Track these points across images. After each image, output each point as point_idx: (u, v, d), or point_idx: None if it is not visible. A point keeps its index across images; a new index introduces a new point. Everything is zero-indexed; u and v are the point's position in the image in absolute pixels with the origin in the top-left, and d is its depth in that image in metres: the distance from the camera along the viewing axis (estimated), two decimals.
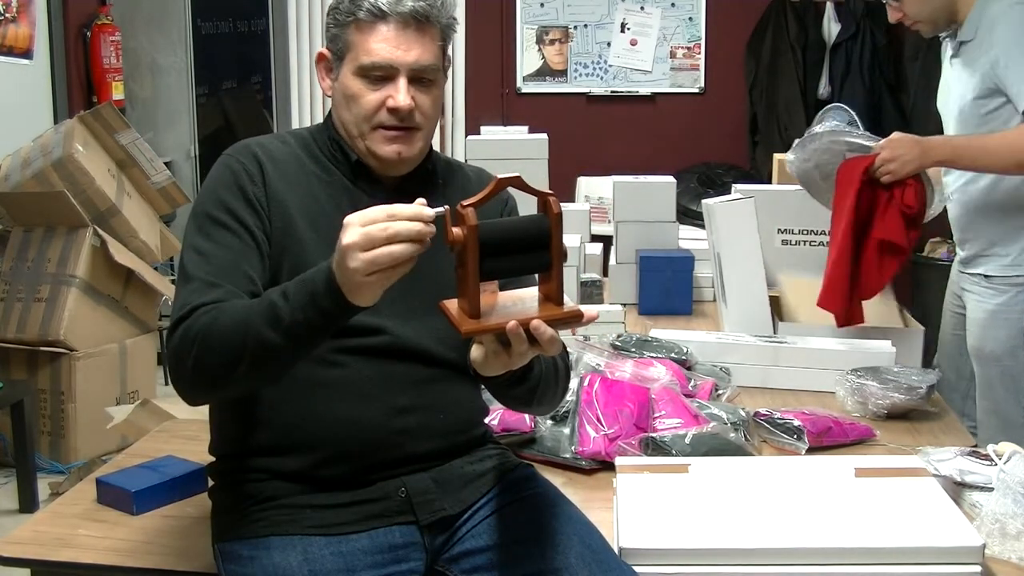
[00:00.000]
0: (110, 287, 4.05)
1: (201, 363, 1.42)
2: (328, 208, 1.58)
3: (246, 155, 1.59)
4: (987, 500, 1.73)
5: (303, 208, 1.57)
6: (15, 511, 3.58)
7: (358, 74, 1.57)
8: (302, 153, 1.63)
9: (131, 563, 1.69)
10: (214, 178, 1.59)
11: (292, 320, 1.36)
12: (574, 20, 5.67)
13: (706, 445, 1.95)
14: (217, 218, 1.53)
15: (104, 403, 3.80)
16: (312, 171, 1.61)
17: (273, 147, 1.62)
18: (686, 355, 2.41)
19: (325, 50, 1.63)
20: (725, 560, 1.53)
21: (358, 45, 1.57)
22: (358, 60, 1.57)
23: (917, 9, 2.42)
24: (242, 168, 1.57)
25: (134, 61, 5.12)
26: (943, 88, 2.59)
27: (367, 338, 1.54)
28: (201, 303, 1.45)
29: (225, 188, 1.55)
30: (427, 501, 1.55)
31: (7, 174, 4.10)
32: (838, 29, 5.29)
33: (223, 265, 1.49)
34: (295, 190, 1.58)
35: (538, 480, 1.67)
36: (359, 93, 1.58)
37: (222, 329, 1.41)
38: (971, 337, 2.54)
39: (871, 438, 2.12)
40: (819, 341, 2.49)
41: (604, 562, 1.51)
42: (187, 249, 1.54)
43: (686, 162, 5.37)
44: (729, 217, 2.64)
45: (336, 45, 1.60)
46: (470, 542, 1.56)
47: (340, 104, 1.61)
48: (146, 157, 4.36)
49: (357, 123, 1.59)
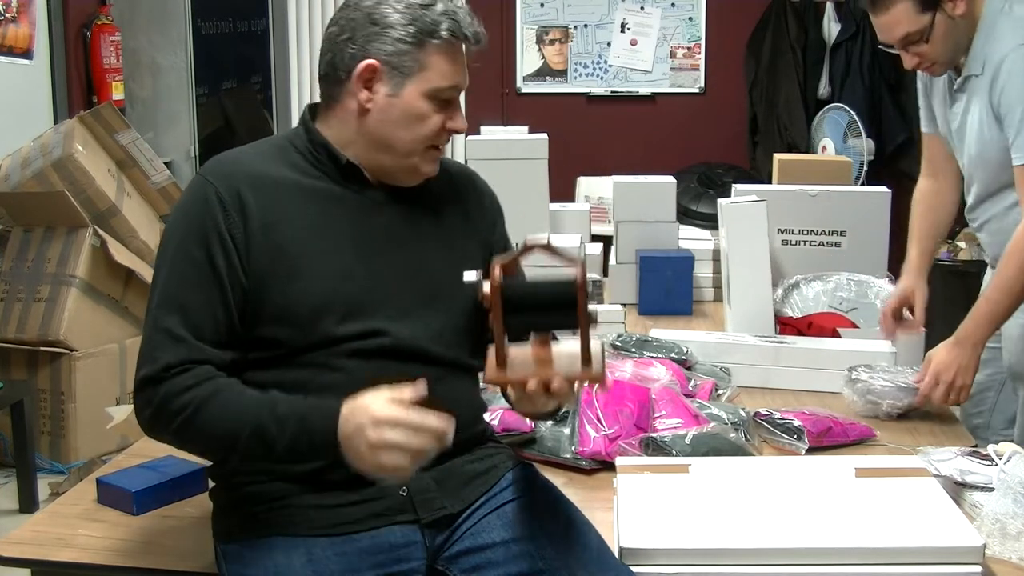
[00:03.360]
0: (110, 287, 4.05)
1: (184, 442, 1.51)
2: (317, 216, 1.56)
3: (222, 182, 1.53)
4: (987, 500, 1.73)
5: (290, 222, 1.54)
6: (15, 511, 3.58)
7: (429, 95, 1.56)
8: (282, 163, 1.59)
9: (131, 563, 1.69)
10: (187, 207, 1.55)
11: (284, 450, 1.44)
12: (574, 20, 5.67)
13: (706, 445, 1.95)
14: (188, 254, 1.51)
15: (104, 403, 3.80)
16: (296, 180, 1.58)
17: (251, 163, 1.58)
18: (686, 355, 2.41)
19: (378, 62, 1.55)
20: (725, 560, 1.53)
21: (433, 67, 1.55)
22: (432, 82, 1.55)
23: (941, 51, 2.28)
24: (217, 201, 1.52)
25: (134, 61, 5.11)
26: (945, 129, 2.46)
27: (366, 341, 1.54)
28: (168, 364, 1.46)
29: (198, 223, 1.52)
30: (428, 499, 1.55)
31: (7, 174, 4.10)
32: (838, 29, 5.29)
33: (191, 312, 1.49)
34: (280, 205, 1.54)
35: (538, 479, 1.67)
36: (426, 114, 1.56)
37: (210, 428, 1.46)
38: (1007, 354, 2.46)
39: (871, 438, 2.12)
40: (819, 341, 2.49)
41: (602, 561, 1.51)
42: (157, 284, 1.53)
43: (686, 162, 5.37)
44: (739, 218, 2.65)
45: (402, 61, 1.54)
46: (469, 540, 1.56)
47: (393, 121, 1.56)
48: (146, 157, 4.35)
49: (415, 142, 1.57)
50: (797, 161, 3.83)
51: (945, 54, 2.28)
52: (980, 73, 2.27)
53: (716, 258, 3.14)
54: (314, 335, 1.52)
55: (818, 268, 2.84)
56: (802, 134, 5.24)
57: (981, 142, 2.30)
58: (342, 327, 1.53)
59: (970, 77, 2.30)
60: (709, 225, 3.75)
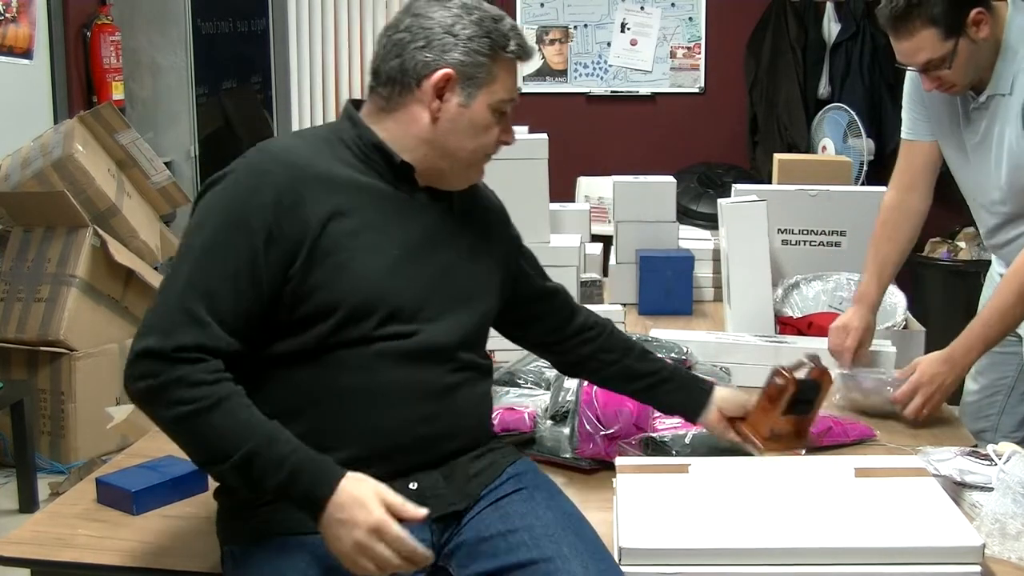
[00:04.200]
0: (110, 287, 4.05)
1: (170, 431, 1.47)
2: (370, 214, 1.56)
3: (281, 173, 1.51)
4: (987, 500, 1.73)
5: (345, 217, 1.53)
6: (15, 511, 3.58)
7: (493, 107, 1.60)
8: (333, 158, 1.58)
9: (131, 563, 1.69)
10: (239, 192, 1.51)
11: (269, 488, 1.42)
12: (574, 20, 5.67)
13: (706, 445, 1.95)
14: (230, 240, 1.48)
15: (104, 403, 3.80)
16: (351, 177, 1.57)
17: (306, 156, 1.56)
18: (686, 355, 2.40)
19: (454, 71, 1.57)
20: (725, 560, 1.53)
21: (501, 80, 1.59)
22: (498, 95, 1.59)
23: (963, 74, 2.21)
24: (273, 192, 1.49)
25: (134, 61, 5.11)
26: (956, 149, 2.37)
27: (398, 342, 1.55)
28: (181, 345, 1.43)
29: (248, 211, 1.48)
30: (438, 496, 1.56)
31: (7, 174, 4.10)
32: (838, 29, 5.29)
33: (219, 299, 1.46)
34: (336, 201, 1.53)
35: (536, 474, 1.70)
36: (490, 126, 1.61)
37: (204, 433, 1.43)
38: None
39: (871, 438, 2.12)
40: (819, 341, 2.49)
41: (596, 553, 1.53)
42: (188, 258, 1.48)
43: (686, 162, 5.37)
44: (739, 218, 2.66)
45: (478, 71, 1.57)
46: (467, 534, 1.57)
47: (460, 130, 1.59)
48: (146, 157, 4.36)
49: (476, 152, 1.61)
50: (797, 161, 3.82)
51: (967, 77, 2.23)
52: (1009, 93, 2.20)
53: (716, 258, 3.14)
54: (352, 332, 1.52)
55: (818, 268, 2.84)
56: (802, 134, 5.24)
57: (1014, 165, 2.23)
58: (380, 328, 1.53)
59: (995, 96, 2.23)
60: (709, 225, 3.75)
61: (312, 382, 1.52)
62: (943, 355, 2.23)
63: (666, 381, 1.90)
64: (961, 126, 2.34)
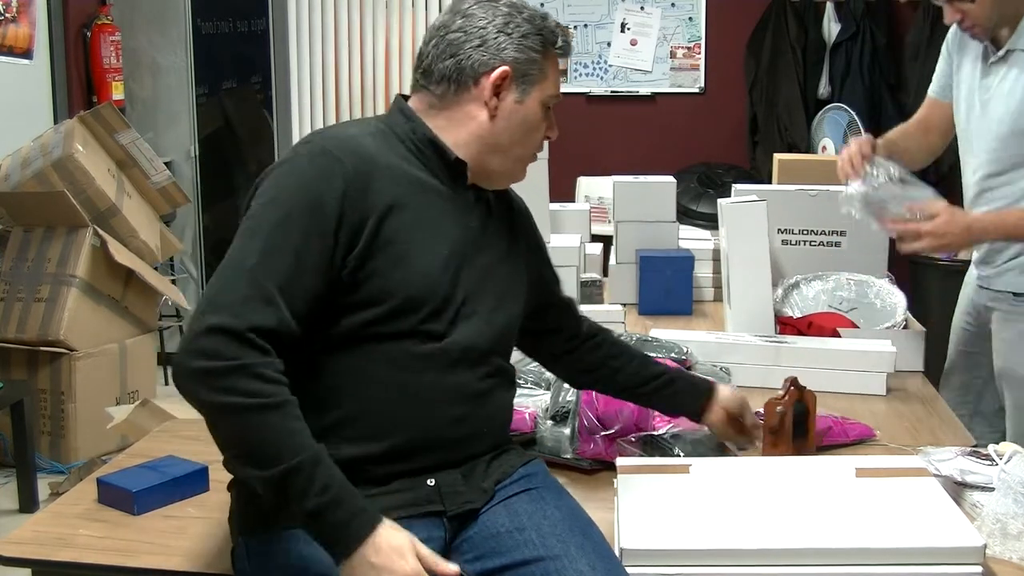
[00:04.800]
0: (110, 287, 4.05)
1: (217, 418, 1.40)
2: (427, 208, 1.57)
3: (350, 160, 1.51)
4: (988, 500, 1.73)
5: (405, 210, 1.54)
6: (15, 511, 3.58)
7: (543, 103, 1.63)
8: (390, 151, 1.58)
9: (131, 563, 1.69)
10: (309, 176, 1.49)
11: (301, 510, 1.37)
12: (574, 20, 5.67)
13: (705, 445, 1.96)
14: (300, 223, 1.45)
15: (104, 403, 3.80)
16: (409, 171, 1.58)
17: (369, 145, 1.56)
18: (686, 355, 2.40)
19: (511, 69, 1.59)
20: (726, 560, 1.53)
21: (550, 76, 1.62)
22: (548, 91, 1.63)
23: (987, 14, 2.23)
24: (342, 178, 1.49)
25: (134, 61, 5.11)
26: (968, 99, 2.41)
27: (440, 343, 1.55)
28: (256, 326, 1.38)
29: (318, 195, 1.47)
30: (456, 492, 1.57)
31: (7, 174, 4.10)
32: (838, 29, 5.29)
33: (292, 281, 1.43)
34: (397, 192, 1.53)
35: (546, 475, 1.71)
36: (540, 123, 1.64)
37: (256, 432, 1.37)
38: (1000, 358, 2.41)
39: (871, 438, 2.12)
40: (819, 341, 2.49)
41: (603, 553, 1.54)
42: (261, 226, 1.45)
43: (686, 162, 5.37)
44: (739, 218, 2.65)
45: (531, 68, 1.61)
46: (476, 530, 1.58)
47: (515, 127, 1.61)
48: (146, 157, 4.35)
49: (527, 148, 1.65)
50: (797, 161, 3.82)
51: (990, 19, 2.24)
52: None
53: (716, 258, 3.14)
54: (398, 324, 1.52)
55: (818, 268, 2.84)
56: (802, 134, 5.24)
57: (1016, 116, 2.26)
58: (424, 323, 1.53)
59: (1015, 52, 2.26)
60: (709, 225, 3.74)
61: (349, 372, 1.51)
62: (966, 220, 2.24)
63: (671, 383, 1.91)
64: (978, 81, 2.36)
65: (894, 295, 2.72)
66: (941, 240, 2.19)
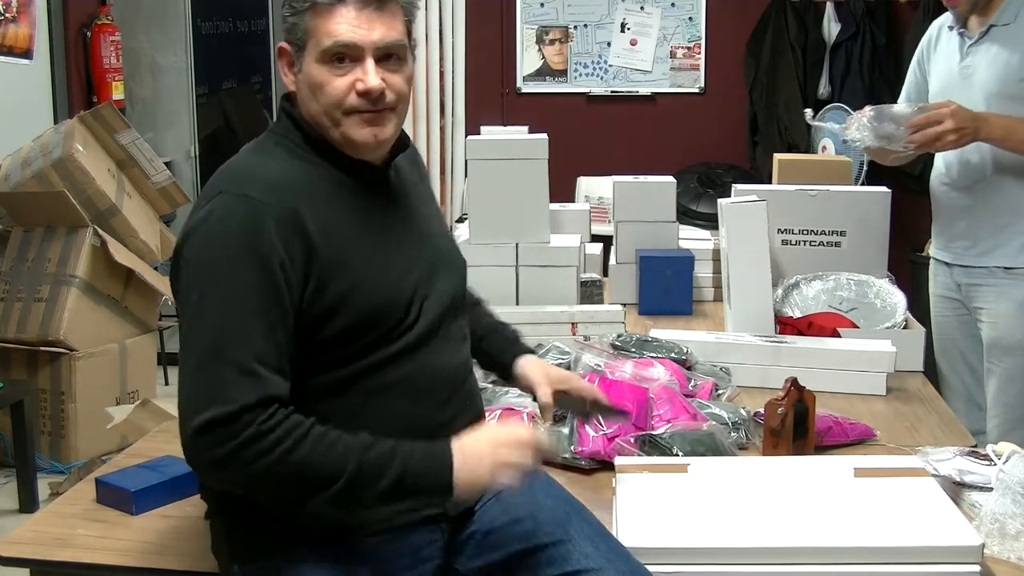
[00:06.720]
0: (110, 287, 4.06)
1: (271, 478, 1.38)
2: (348, 212, 1.53)
3: (273, 200, 1.44)
4: (986, 500, 1.73)
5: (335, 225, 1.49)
6: (15, 511, 3.58)
7: (322, 60, 1.49)
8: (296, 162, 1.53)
9: (131, 563, 1.69)
10: (233, 230, 1.42)
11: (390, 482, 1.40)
12: (574, 20, 5.67)
13: (704, 444, 1.95)
14: (245, 281, 1.40)
15: (104, 403, 3.80)
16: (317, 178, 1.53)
17: (278, 172, 1.50)
18: (686, 355, 2.41)
19: (285, 43, 1.54)
20: (725, 559, 1.54)
21: (319, 30, 1.49)
22: (320, 45, 1.49)
23: None
24: (273, 222, 1.42)
25: (134, 61, 5.12)
26: (947, 81, 2.56)
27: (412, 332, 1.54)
28: (247, 404, 1.36)
29: (253, 246, 1.41)
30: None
31: (7, 174, 4.10)
32: (838, 29, 5.29)
33: (257, 342, 1.39)
34: (323, 211, 1.48)
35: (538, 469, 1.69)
36: (325, 80, 1.50)
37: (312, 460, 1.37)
38: (991, 330, 2.49)
39: (871, 438, 2.12)
40: (819, 341, 2.49)
41: (601, 532, 1.56)
42: (208, 313, 1.39)
43: (686, 162, 5.37)
44: (739, 218, 2.65)
45: (295, 35, 1.52)
46: (472, 528, 1.59)
47: (308, 97, 1.52)
48: (146, 157, 4.36)
49: (328, 112, 1.51)
50: (797, 161, 3.82)
51: None
52: (1012, 22, 2.41)
53: (716, 258, 3.14)
54: (381, 338, 1.50)
55: (818, 268, 2.84)
56: (802, 134, 5.24)
57: (995, 90, 2.42)
58: (401, 323, 1.52)
59: (995, 27, 2.42)
60: (709, 225, 3.74)
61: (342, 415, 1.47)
62: (976, 112, 2.36)
63: (494, 332, 1.85)
64: (956, 67, 2.53)
65: (894, 295, 2.72)
66: (962, 123, 2.32)
